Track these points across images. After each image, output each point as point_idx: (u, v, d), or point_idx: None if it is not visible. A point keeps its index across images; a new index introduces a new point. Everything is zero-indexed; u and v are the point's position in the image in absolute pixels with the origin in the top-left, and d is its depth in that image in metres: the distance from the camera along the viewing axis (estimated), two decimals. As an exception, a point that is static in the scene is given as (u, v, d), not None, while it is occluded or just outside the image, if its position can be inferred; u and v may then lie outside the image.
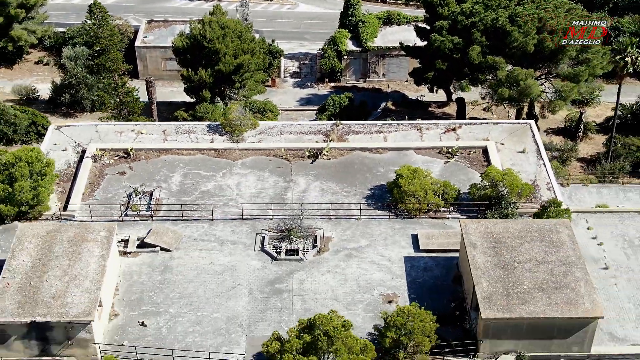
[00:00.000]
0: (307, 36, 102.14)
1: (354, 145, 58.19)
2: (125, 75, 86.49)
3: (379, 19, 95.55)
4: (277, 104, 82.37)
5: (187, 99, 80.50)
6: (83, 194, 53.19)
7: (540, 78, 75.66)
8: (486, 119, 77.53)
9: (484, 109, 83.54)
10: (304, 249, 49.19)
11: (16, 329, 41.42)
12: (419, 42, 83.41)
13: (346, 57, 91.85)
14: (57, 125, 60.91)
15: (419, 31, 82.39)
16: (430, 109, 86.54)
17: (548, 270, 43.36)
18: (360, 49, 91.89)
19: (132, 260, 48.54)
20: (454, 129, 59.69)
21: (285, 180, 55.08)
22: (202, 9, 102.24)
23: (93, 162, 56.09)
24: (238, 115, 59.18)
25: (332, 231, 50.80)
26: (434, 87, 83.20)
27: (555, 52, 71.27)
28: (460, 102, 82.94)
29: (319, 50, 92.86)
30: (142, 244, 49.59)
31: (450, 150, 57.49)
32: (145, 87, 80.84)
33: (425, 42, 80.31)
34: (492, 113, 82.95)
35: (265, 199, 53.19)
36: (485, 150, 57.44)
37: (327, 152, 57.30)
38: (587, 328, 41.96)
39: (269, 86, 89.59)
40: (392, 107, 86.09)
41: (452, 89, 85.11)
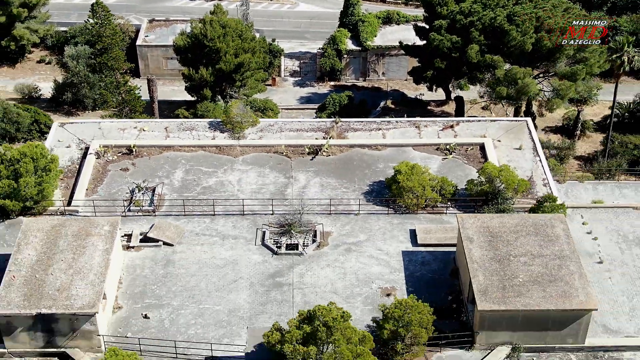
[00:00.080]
0: (307, 35, 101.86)
1: (353, 142, 58.35)
2: (127, 73, 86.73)
3: (379, 18, 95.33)
4: (277, 102, 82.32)
5: (188, 97, 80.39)
6: (87, 189, 53.29)
7: (538, 77, 75.65)
8: (484, 116, 77.92)
9: (483, 108, 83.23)
10: (303, 244, 49.36)
11: (22, 321, 41.59)
12: (418, 41, 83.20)
13: (346, 56, 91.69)
14: (61, 122, 60.89)
15: (418, 30, 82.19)
16: (429, 107, 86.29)
17: (543, 264, 43.62)
18: (360, 48, 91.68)
19: (135, 254, 48.73)
20: (451, 126, 59.81)
21: (286, 176, 55.25)
22: (203, 8, 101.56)
23: (96, 158, 56.20)
24: (239, 112, 59.28)
25: (332, 226, 50.98)
26: (433, 86, 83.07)
27: (552, 51, 71.35)
28: (459, 101, 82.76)
29: (319, 50, 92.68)
30: (145, 239, 49.74)
31: (447, 147, 57.64)
32: (147, 85, 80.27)
33: (424, 41, 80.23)
34: (491, 111, 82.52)
35: (266, 195, 53.33)
36: (482, 147, 57.63)
37: (327, 149, 57.45)
38: (581, 320, 42.21)
39: (270, 85, 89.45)
40: (392, 106, 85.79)
41: (451, 88, 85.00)
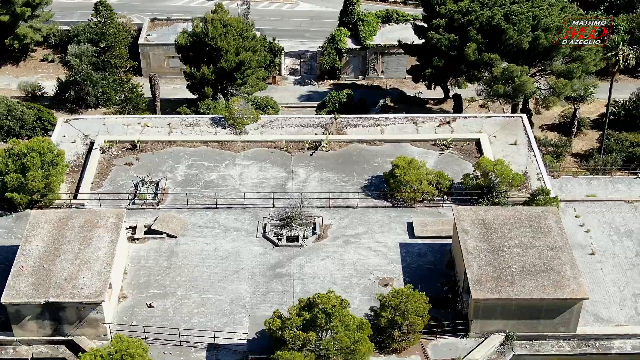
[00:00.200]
0: (307, 34, 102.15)
1: (352, 137, 59.02)
2: (130, 71, 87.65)
3: (378, 17, 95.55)
4: (277, 100, 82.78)
5: (190, 95, 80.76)
6: (92, 183, 54.05)
7: (535, 75, 75.89)
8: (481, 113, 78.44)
9: (481, 106, 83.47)
10: (303, 236, 50.20)
11: (30, 310, 42.51)
12: (417, 40, 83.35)
13: (345, 54, 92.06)
14: (66, 118, 61.66)
15: (417, 29, 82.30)
16: (427, 105, 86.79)
17: (536, 255, 44.49)
18: (359, 46, 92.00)
19: (139, 246, 49.62)
20: (448, 122, 60.49)
21: (286, 170, 56.00)
22: (204, 7, 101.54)
23: (101, 153, 56.91)
24: (240, 108, 59.94)
25: (331, 219, 51.80)
26: (432, 84, 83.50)
27: (549, 49, 71.70)
28: (457, 99, 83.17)
29: (319, 48, 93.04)
30: (149, 231, 50.60)
31: (444, 142, 58.31)
32: (149, 83, 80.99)
33: (423, 40, 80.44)
34: (488, 109, 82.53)
35: (267, 189, 54.05)
36: (478, 143, 58.32)
37: (326, 144, 58.17)
38: (572, 309, 43.05)
39: (270, 83, 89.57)
40: (391, 104, 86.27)
41: (449, 86, 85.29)
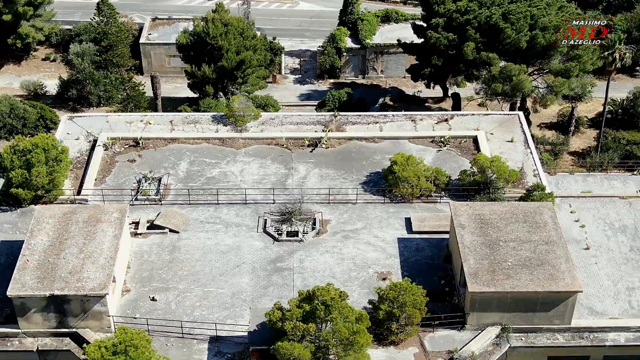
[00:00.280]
0: (307, 34, 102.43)
1: (351, 134, 59.68)
2: (131, 70, 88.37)
3: (378, 16, 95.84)
4: (278, 99, 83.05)
5: (191, 94, 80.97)
6: (95, 179, 54.77)
7: (533, 74, 76.18)
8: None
9: (479, 104, 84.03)
10: (303, 231, 50.93)
11: (36, 302, 43.22)
12: (416, 39, 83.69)
13: (345, 54, 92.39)
14: (70, 115, 62.28)
15: (416, 28, 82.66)
16: (426, 104, 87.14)
17: (531, 249, 45.20)
18: (359, 46, 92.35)
19: (142, 240, 50.35)
20: (446, 120, 61.13)
21: (286, 167, 56.66)
22: (205, 7, 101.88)
23: (104, 150, 57.60)
24: (241, 106, 60.54)
25: (330, 214, 52.49)
26: (431, 83, 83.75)
27: (546, 48, 72.04)
28: (455, 98, 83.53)
29: (319, 48, 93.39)
30: (152, 226, 51.31)
31: (442, 139, 58.95)
32: (151, 82, 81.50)
33: (422, 40, 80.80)
34: (487, 108, 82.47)
35: (267, 185, 54.74)
36: (475, 140, 58.94)
37: (326, 142, 58.79)
38: (567, 302, 43.73)
39: (270, 82, 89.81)
40: (390, 103, 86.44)
41: (448, 85, 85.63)
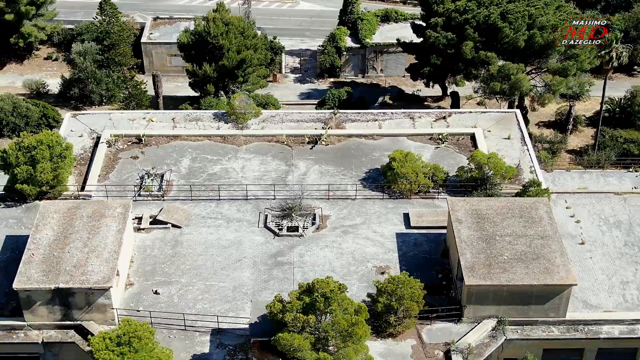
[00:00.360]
0: (307, 33, 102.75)
1: (350, 132, 60.39)
2: (134, 69, 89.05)
3: (377, 16, 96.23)
4: (278, 98, 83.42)
5: (192, 93, 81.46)
6: (99, 176, 55.45)
7: (531, 72, 76.59)
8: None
9: (478, 103, 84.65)
10: (303, 226, 51.65)
11: (41, 295, 43.99)
12: (415, 38, 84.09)
13: (345, 53, 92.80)
14: (74, 113, 62.95)
15: (416, 28, 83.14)
16: (426, 103, 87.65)
17: (527, 243, 45.93)
18: (359, 45, 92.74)
19: (145, 235, 51.10)
20: (444, 118, 61.86)
21: (287, 164, 57.38)
22: (206, 6, 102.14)
23: (107, 147, 58.30)
24: (242, 104, 61.17)
25: (330, 210, 53.24)
26: (430, 82, 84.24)
27: (544, 47, 72.50)
28: (454, 96, 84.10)
29: (319, 47, 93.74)
30: (155, 221, 52.06)
31: (440, 136, 59.65)
32: (152, 81, 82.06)
33: (421, 39, 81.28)
34: (485, 106, 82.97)
35: (268, 181, 55.43)
36: (473, 137, 59.65)
37: (326, 139, 59.50)
38: (561, 295, 44.49)
39: (271, 81, 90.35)
40: (390, 102, 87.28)
41: (447, 84, 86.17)
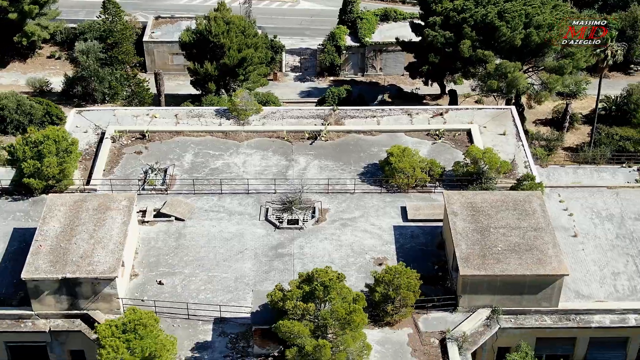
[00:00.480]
0: (307, 32, 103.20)
1: (349, 128, 61.51)
2: (136, 67, 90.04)
3: (377, 15, 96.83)
4: (278, 96, 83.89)
5: (193, 91, 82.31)
6: (104, 170, 56.71)
7: (527, 71, 77.50)
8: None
9: (476, 101, 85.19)
10: (303, 219, 52.84)
11: (48, 285, 45.21)
12: (414, 37, 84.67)
13: (345, 52, 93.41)
14: (78, 109, 64.10)
15: (414, 27, 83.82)
16: (424, 101, 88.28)
17: (520, 235, 47.11)
18: (358, 44, 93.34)
19: (149, 228, 52.31)
20: (441, 114, 63.00)
21: (287, 159, 58.53)
22: (207, 5, 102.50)
23: (112, 142, 59.50)
24: (243, 100, 62.22)
25: (329, 203, 54.38)
26: (429, 81, 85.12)
27: (541, 46, 73.40)
28: (452, 95, 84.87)
29: (319, 46, 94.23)
30: (159, 214, 53.28)
31: (437, 132, 60.79)
32: (154, 79, 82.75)
33: (419, 38, 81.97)
34: (483, 104, 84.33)
35: (269, 176, 56.61)
36: (469, 133, 60.80)
37: (325, 135, 60.62)
38: (554, 285, 45.63)
39: (271, 79, 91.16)
40: (389, 100, 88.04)
41: (446, 82, 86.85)
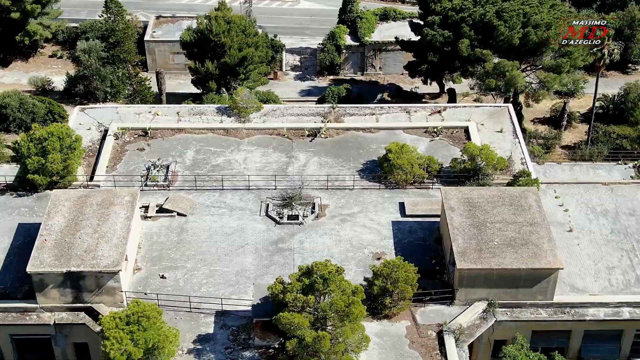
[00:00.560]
0: (307, 31, 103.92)
1: (349, 125, 62.18)
2: (138, 65, 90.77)
3: (376, 15, 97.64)
4: (279, 95, 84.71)
5: (194, 90, 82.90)
6: (107, 167, 57.40)
7: (525, 70, 77.99)
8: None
9: (474, 100, 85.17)
10: (303, 215, 53.60)
11: (53, 279, 45.95)
12: (413, 37, 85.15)
13: (345, 51, 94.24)
14: (82, 107, 64.82)
15: (413, 26, 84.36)
16: (423, 100, 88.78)
17: (516, 229, 47.88)
18: (358, 43, 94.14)
19: (152, 223, 53.06)
20: (439, 112, 63.68)
21: (287, 155, 59.24)
22: (208, 5, 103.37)
23: (115, 139, 60.18)
24: (244, 98, 62.96)
25: (329, 199, 55.13)
26: (428, 80, 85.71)
27: (539, 45, 73.93)
28: (451, 93, 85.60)
29: (319, 45, 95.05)
30: (161, 210, 54.02)
31: (435, 129, 61.41)
32: (156, 78, 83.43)
33: (419, 37, 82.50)
34: (482, 103, 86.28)
35: (269, 172, 57.27)
36: (466, 130, 61.44)
37: (325, 132, 61.29)
38: (549, 278, 46.42)
39: (272, 79, 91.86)
40: (388, 98, 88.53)
41: (444, 81, 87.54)
